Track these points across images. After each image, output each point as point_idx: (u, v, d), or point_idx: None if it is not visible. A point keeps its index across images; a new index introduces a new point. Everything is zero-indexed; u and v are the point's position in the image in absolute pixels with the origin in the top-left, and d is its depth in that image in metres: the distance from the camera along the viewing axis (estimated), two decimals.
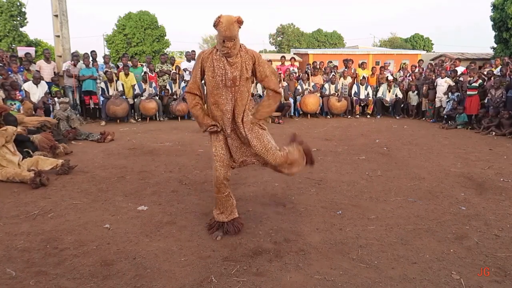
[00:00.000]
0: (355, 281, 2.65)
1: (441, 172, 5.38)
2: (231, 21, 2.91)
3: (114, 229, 3.47)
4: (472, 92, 9.36)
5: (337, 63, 14.80)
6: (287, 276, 2.70)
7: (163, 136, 8.09)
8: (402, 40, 45.63)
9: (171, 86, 10.89)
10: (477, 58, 23.37)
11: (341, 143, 7.40)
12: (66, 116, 7.91)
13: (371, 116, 11.51)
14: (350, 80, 11.81)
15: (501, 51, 20.24)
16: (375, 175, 5.22)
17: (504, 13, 19.22)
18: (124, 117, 10.10)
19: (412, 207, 4.04)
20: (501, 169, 5.56)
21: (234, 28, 2.92)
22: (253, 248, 3.10)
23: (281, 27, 47.11)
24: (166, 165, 5.69)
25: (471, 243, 3.22)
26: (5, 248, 3.09)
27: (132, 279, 2.66)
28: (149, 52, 29.47)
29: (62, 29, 10.97)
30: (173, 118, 10.66)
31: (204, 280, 2.64)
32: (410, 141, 7.65)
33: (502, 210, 3.97)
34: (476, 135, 8.51)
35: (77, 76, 10.10)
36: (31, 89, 8.72)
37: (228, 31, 2.91)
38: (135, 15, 30.80)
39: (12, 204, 4.10)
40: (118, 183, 4.85)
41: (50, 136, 6.32)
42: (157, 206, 4.03)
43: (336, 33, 44.26)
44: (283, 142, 3.59)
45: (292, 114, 11.10)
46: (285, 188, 4.61)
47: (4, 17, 25.57)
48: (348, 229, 3.48)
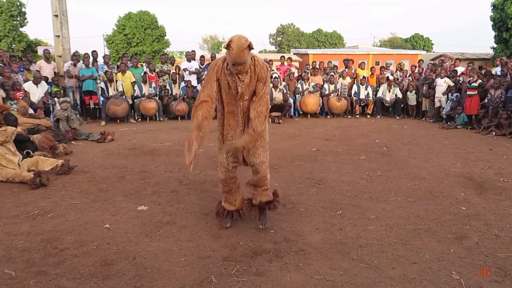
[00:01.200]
0: (355, 281, 2.65)
1: (441, 172, 5.38)
2: (242, 48, 2.95)
3: (114, 229, 3.47)
4: (471, 92, 9.36)
5: (337, 63, 14.80)
6: (287, 276, 2.70)
7: (163, 136, 8.10)
8: (402, 40, 45.67)
9: (171, 86, 10.89)
10: (477, 58, 23.39)
11: (341, 143, 7.40)
12: (66, 116, 7.91)
13: (371, 116, 11.51)
14: (349, 80, 11.82)
15: (501, 51, 20.26)
16: (375, 175, 5.22)
17: (504, 13, 19.23)
18: (124, 117, 10.10)
19: (412, 207, 4.04)
20: (501, 169, 5.56)
21: (244, 55, 2.97)
22: (253, 248, 3.10)
23: (281, 27, 47.14)
24: (166, 165, 5.69)
25: (471, 243, 3.22)
26: (5, 248, 3.09)
27: (132, 279, 2.66)
28: (149, 52, 29.48)
29: (62, 29, 10.97)
30: (173, 118, 10.66)
31: (204, 280, 2.64)
32: (410, 141, 7.65)
33: (502, 210, 3.97)
34: (476, 135, 8.51)
35: (77, 76, 10.10)
36: (31, 89, 8.72)
37: (238, 58, 2.97)
38: (135, 15, 30.83)
39: (12, 204, 4.10)
40: (118, 183, 4.85)
41: (50, 136, 6.32)
42: (157, 206, 4.03)
43: (336, 33, 44.29)
44: (283, 142, 3.58)
45: (292, 114, 11.10)
46: (285, 188, 4.61)
47: (4, 17, 25.59)
48: (348, 229, 3.48)
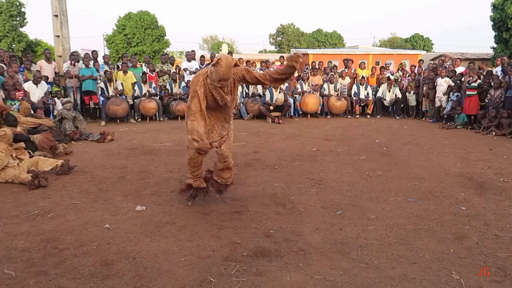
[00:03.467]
0: (355, 281, 2.65)
1: (441, 172, 5.38)
2: (230, 66, 3.35)
3: (114, 229, 3.47)
4: (471, 92, 9.36)
5: (337, 63, 14.80)
6: (287, 276, 2.70)
7: (163, 136, 8.10)
8: (402, 40, 45.64)
9: (171, 86, 10.90)
10: (477, 58, 23.39)
11: (341, 143, 7.40)
12: (73, 116, 7.91)
13: (371, 116, 11.51)
14: (349, 80, 11.82)
15: (501, 51, 20.27)
16: (375, 175, 5.22)
17: (504, 13, 19.24)
18: (124, 117, 10.11)
19: (412, 207, 4.04)
20: (501, 169, 5.56)
21: (231, 72, 3.41)
22: (253, 248, 3.10)
23: (281, 27, 47.11)
24: (166, 165, 5.69)
25: (471, 243, 3.22)
26: (5, 248, 3.09)
27: (132, 279, 2.66)
28: (149, 52, 29.49)
29: (62, 29, 10.97)
30: (173, 118, 10.67)
31: (204, 280, 2.64)
32: (410, 141, 7.65)
33: (502, 210, 3.97)
34: (476, 135, 8.51)
35: (77, 76, 10.10)
36: (31, 89, 8.72)
37: (226, 75, 3.37)
38: (135, 15, 30.84)
39: (12, 204, 4.10)
40: (118, 183, 4.85)
41: (50, 136, 6.33)
42: (157, 206, 4.03)
43: (336, 33, 44.26)
44: (283, 142, 3.62)
45: (292, 114, 11.10)
46: (285, 188, 4.61)
47: (4, 17, 25.59)
48: (348, 229, 3.48)
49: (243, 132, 8.46)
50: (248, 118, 10.77)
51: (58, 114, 8.11)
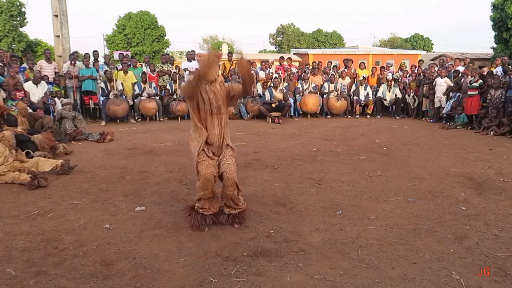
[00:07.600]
0: (355, 281, 2.65)
1: (441, 172, 5.38)
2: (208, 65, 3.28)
3: (114, 229, 3.47)
4: (472, 92, 9.35)
5: (337, 63, 14.80)
6: (287, 276, 2.70)
7: (163, 136, 8.09)
8: (402, 40, 45.65)
9: (171, 86, 10.89)
10: (477, 58, 23.39)
11: (341, 143, 7.40)
12: (73, 115, 7.93)
13: (371, 116, 11.51)
14: (348, 80, 11.82)
15: (501, 51, 20.27)
16: (375, 175, 5.22)
17: (504, 13, 19.24)
18: (124, 117, 10.10)
19: (412, 207, 4.04)
20: (501, 169, 5.56)
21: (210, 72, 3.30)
22: (253, 248, 3.10)
23: (281, 27, 47.11)
24: (166, 165, 5.69)
25: (471, 243, 3.22)
26: (5, 248, 3.09)
27: (132, 279, 2.66)
28: (149, 52, 29.49)
29: (62, 29, 10.97)
30: (173, 118, 10.66)
31: (204, 280, 2.64)
32: (410, 141, 7.65)
33: (502, 210, 3.97)
34: (476, 135, 8.51)
35: (77, 76, 10.10)
36: (31, 89, 8.72)
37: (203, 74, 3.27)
38: (135, 15, 30.86)
39: (12, 204, 4.10)
40: (118, 183, 4.85)
41: (50, 136, 6.33)
42: (157, 206, 4.03)
43: (336, 33, 44.27)
44: (283, 142, 3.60)
45: (292, 114, 11.09)
46: (285, 188, 4.61)
47: (4, 17, 25.61)
48: (348, 229, 3.48)
49: (243, 132, 8.46)
50: (248, 118, 10.76)
51: (57, 114, 8.12)
